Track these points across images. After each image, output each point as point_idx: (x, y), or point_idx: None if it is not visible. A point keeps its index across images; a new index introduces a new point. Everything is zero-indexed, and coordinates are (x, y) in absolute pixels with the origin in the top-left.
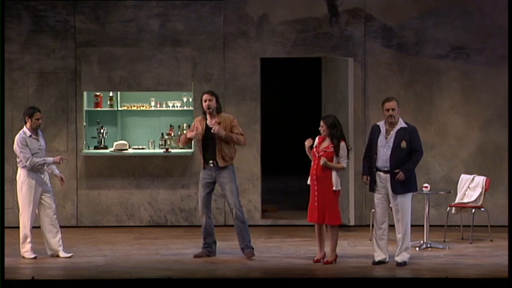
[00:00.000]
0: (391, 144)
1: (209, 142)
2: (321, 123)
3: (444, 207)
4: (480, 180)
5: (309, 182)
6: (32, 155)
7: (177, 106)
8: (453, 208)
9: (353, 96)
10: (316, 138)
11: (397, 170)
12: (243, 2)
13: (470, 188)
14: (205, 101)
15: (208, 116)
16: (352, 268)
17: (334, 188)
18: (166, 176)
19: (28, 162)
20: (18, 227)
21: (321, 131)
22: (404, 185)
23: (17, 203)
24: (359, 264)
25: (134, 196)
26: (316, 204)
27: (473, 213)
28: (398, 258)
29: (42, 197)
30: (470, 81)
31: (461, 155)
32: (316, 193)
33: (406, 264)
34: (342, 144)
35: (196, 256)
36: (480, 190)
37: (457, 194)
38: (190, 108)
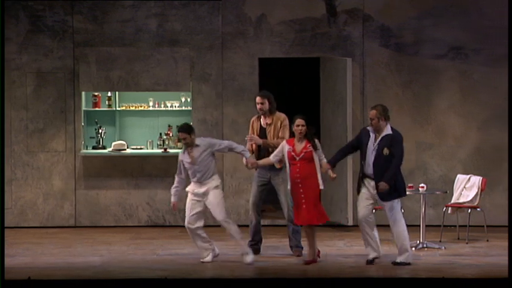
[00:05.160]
0: (375, 151)
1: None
2: (300, 122)
3: (442, 207)
4: (476, 180)
5: (288, 187)
6: (185, 168)
7: (175, 106)
8: (449, 208)
9: (351, 96)
10: (285, 144)
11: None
12: (241, 2)
13: (467, 188)
14: (258, 104)
15: (262, 117)
16: (349, 268)
17: (321, 187)
18: (165, 176)
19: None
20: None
21: (301, 130)
22: (389, 192)
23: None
24: (356, 264)
25: (132, 196)
26: (304, 206)
27: (470, 213)
28: (398, 259)
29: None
30: (468, 81)
31: (459, 155)
32: (302, 195)
33: (406, 264)
34: (317, 140)
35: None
36: (476, 190)
37: (453, 194)
38: (189, 108)
